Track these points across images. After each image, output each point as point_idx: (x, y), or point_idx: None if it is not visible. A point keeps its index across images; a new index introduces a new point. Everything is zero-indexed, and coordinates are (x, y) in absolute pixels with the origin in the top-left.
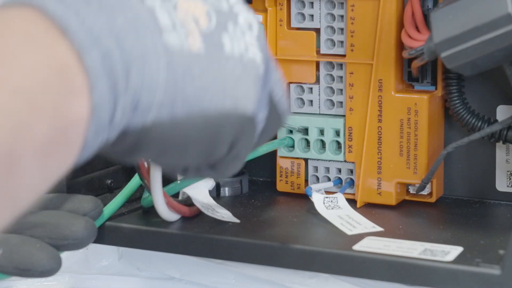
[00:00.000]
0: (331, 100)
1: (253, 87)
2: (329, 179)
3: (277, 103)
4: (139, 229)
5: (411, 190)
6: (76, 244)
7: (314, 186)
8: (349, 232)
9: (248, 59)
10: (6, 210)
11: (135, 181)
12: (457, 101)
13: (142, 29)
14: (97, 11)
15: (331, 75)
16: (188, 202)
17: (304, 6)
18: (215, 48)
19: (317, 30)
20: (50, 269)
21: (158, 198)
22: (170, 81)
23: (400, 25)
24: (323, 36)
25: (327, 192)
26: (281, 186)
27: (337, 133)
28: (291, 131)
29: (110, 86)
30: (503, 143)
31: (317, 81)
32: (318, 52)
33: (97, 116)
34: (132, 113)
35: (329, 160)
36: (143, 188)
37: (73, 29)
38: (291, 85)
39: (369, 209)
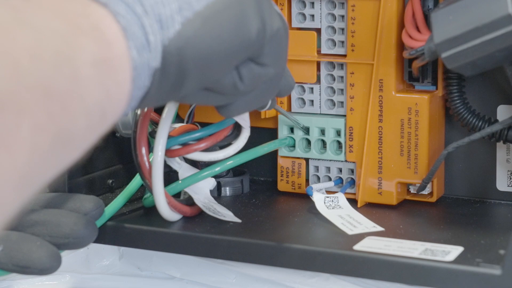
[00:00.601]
0: (332, 100)
1: None
2: (330, 179)
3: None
4: (140, 229)
5: (412, 190)
6: (76, 243)
7: (315, 186)
8: (349, 232)
9: None
10: (79, 114)
11: (136, 181)
12: (458, 101)
13: None
14: None
15: (332, 75)
16: (189, 202)
17: (305, 6)
18: None
19: (318, 30)
20: (49, 267)
21: (160, 198)
22: None
23: (401, 25)
24: (324, 36)
25: (328, 192)
26: (282, 185)
27: (338, 133)
28: (292, 131)
29: (130, 12)
30: (504, 143)
31: (318, 81)
32: (319, 52)
33: (131, 35)
34: (161, 31)
35: (330, 160)
36: (144, 188)
37: None
38: None
39: (370, 208)
